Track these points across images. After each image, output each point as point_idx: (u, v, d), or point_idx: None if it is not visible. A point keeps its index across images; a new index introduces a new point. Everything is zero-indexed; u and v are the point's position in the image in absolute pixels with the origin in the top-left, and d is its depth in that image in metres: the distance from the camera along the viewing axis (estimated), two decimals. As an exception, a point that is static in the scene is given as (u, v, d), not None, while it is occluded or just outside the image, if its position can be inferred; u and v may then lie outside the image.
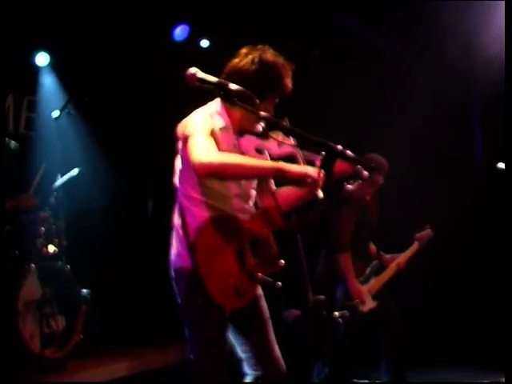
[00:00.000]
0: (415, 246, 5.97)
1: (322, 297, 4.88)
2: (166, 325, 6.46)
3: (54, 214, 5.86)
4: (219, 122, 3.27)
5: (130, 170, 7.04)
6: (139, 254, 6.82)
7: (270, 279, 3.44)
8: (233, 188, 3.32)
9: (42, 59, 6.78)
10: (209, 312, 3.18)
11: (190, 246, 3.19)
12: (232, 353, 3.48)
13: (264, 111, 3.19)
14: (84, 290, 5.88)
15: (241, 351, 3.46)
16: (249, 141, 3.33)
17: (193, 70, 3.02)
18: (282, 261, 3.36)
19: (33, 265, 5.55)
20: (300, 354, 5.41)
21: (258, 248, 3.31)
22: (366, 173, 3.29)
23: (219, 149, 3.17)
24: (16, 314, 5.27)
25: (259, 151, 3.36)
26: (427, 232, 6.00)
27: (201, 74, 3.02)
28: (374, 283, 5.71)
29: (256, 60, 3.33)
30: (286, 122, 3.20)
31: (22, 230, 5.70)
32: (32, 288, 5.48)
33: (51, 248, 5.74)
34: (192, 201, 3.28)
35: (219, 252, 3.19)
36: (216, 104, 3.33)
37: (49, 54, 6.80)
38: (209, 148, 3.10)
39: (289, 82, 3.39)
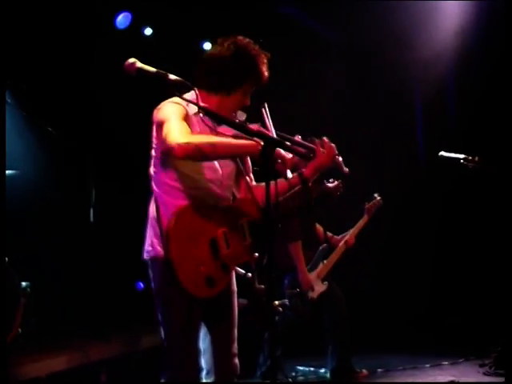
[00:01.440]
0: (364, 219, 6.08)
1: (263, 286, 4.98)
2: (107, 316, 6.47)
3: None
4: (194, 109, 3.28)
5: (70, 160, 6.97)
6: (78, 245, 6.77)
7: (242, 271, 3.53)
8: (207, 174, 3.33)
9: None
10: (178, 300, 3.22)
11: (163, 234, 3.19)
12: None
13: (242, 99, 3.35)
14: (23, 283, 5.82)
15: (201, 342, 3.47)
16: (227, 129, 3.32)
17: (132, 60, 3.06)
18: (256, 253, 3.40)
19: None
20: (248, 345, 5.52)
21: (232, 238, 3.31)
22: (346, 169, 3.40)
23: (194, 133, 3.20)
24: None
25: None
26: (376, 201, 6.09)
27: (139, 64, 3.06)
28: (323, 267, 5.82)
29: (231, 46, 3.37)
30: (265, 108, 3.26)
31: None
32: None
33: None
34: (165, 188, 3.31)
35: (192, 240, 3.21)
36: (191, 94, 3.31)
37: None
38: (184, 130, 3.13)
39: (265, 70, 3.42)
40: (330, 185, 4.45)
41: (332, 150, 3.39)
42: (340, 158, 3.49)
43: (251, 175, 3.61)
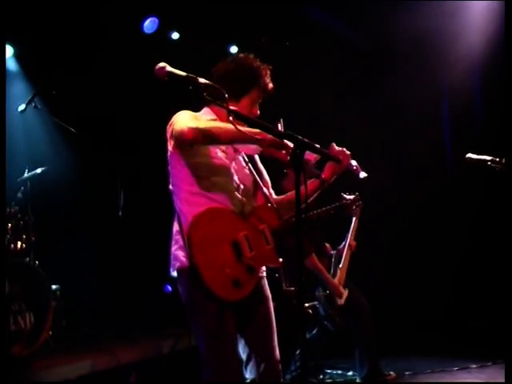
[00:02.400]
0: (354, 223, 6.10)
1: (293, 288, 5.02)
2: (136, 320, 6.54)
3: (22, 209, 5.84)
4: (207, 116, 3.43)
5: (98, 164, 7.05)
6: (109, 249, 6.84)
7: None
8: (225, 178, 3.41)
9: (6, 51, 6.69)
10: (208, 305, 3.25)
11: (185, 242, 3.25)
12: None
13: (249, 109, 3.44)
14: (53, 286, 5.89)
15: (241, 350, 3.50)
16: None
17: (162, 64, 3.08)
18: (280, 259, 3.45)
19: None
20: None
21: (254, 241, 3.35)
22: (362, 174, 3.44)
23: None
24: (-19, 312, 5.23)
25: None
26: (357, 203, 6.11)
27: (170, 68, 3.08)
28: (340, 273, 5.88)
29: (236, 60, 3.55)
30: (280, 124, 3.33)
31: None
32: (-1, 284, 5.47)
33: (19, 244, 5.72)
34: (184, 196, 3.38)
35: (214, 244, 3.26)
36: (204, 109, 3.48)
37: (13, 46, 6.79)
38: (193, 117, 3.30)
39: (268, 81, 3.54)
40: (347, 197, 4.43)
41: (346, 154, 3.45)
42: (354, 163, 3.51)
43: (271, 190, 3.67)
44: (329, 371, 6.28)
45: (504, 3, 5.99)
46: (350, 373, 6.20)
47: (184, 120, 3.26)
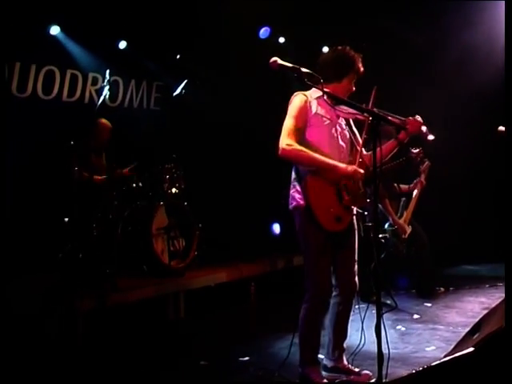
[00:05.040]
0: (422, 177, 5.89)
1: (370, 224, 4.96)
2: (257, 245, 6.63)
3: (176, 165, 5.92)
4: (316, 93, 3.44)
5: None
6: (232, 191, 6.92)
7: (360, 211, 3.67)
8: (330, 145, 3.44)
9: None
10: (317, 234, 3.35)
11: (303, 189, 3.36)
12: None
13: (349, 86, 3.49)
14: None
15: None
16: (343, 108, 3.43)
17: (275, 58, 3.16)
18: (368, 199, 3.51)
19: (161, 202, 5.69)
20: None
21: (350, 188, 3.42)
22: (430, 136, 3.40)
23: (316, 110, 3.40)
24: (150, 237, 5.44)
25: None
26: (426, 164, 5.88)
27: (280, 61, 3.15)
28: (406, 214, 5.81)
29: (337, 51, 3.53)
30: (375, 90, 3.34)
31: (153, 179, 5.81)
32: (161, 218, 5.60)
33: (174, 190, 5.86)
34: None
35: (324, 191, 3.36)
36: (312, 89, 3.45)
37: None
38: (291, 135, 3.30)
39: (361, 66, 3.54)
40: (413, 151, 4.32)
41: (419, 121, 3.45)
42: (425, 128, 3.47)
43: (362, 147, 3.60)
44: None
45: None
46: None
47: (283, 134, 3.32)
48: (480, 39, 7.10)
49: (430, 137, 3.55)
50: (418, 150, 4.36)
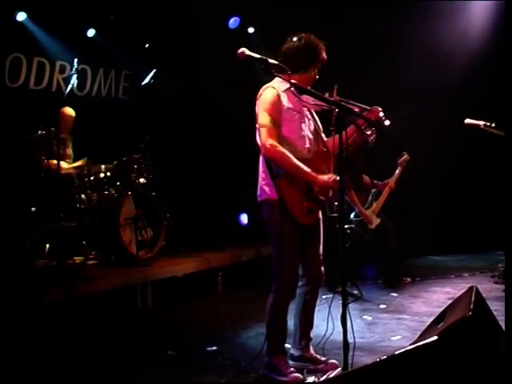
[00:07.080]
0: (399, 170, 6.06)
1: (336, 214, 4.97)
2: (225, 235, 6.60)
3: (144, 155, 5.85)
4: (284, 85, 3.39)
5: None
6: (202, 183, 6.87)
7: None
8: (300, 133, 3.41)
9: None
10: (289, 226, 3.33)
11: (275, 183, 3.32)
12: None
13: (314, 75, 3.47)
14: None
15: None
16: (309, 98, 3.41)
17: (242, 49, 3.12)
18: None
19: (129, 192, 5.60)
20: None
21: None
22: (387, 122, 3.39)
23: (287, 104, 3.35)
24: (118, 226, 5.36)
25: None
26: (405, 157, 6.01)
27: (248, 52, 3.12)
28: (376, 205, 5.90)
29: (300, 38, 3.45)
30: (336, 89, 3.30)
31: (121, 169, 5.72)
32: (129, 208, 5.51)
33: (142, 180, 5.79)
34: None
35: (296, 185, 3.32)
36: (275, 78, 3.43)
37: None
38: (272, 133, 3.27)
39: (324, 55, 3.51)
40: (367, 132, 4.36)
41: (377, 109, 3.45)
42: (381, 114, 3.46)
43: (323, 134, 3.62)
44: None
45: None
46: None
47: (264, 134, 3.28)
48: (447, 30, 7.20)
49: (387, 122, 3.52)
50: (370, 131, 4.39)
